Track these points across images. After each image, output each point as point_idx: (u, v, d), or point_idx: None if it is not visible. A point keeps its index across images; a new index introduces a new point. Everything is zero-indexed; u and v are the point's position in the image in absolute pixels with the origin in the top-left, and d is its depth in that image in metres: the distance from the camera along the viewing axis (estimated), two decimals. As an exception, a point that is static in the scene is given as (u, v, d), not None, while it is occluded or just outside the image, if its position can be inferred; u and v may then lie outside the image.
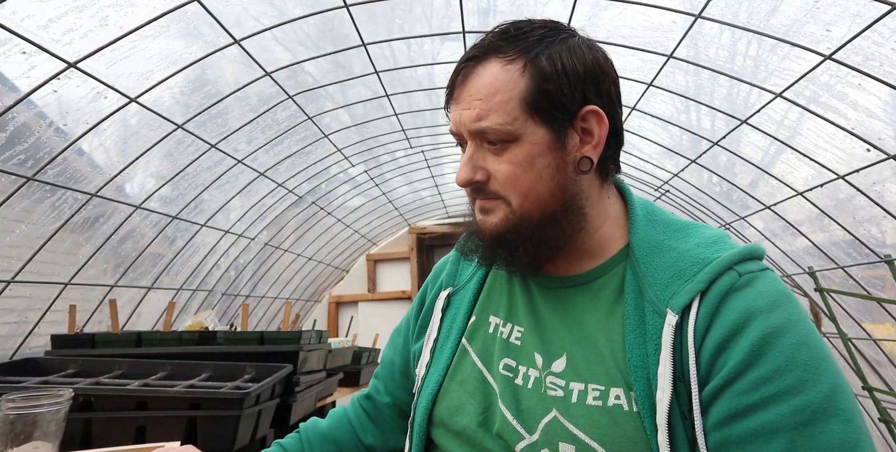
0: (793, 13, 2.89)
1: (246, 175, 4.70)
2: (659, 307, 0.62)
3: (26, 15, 2.36)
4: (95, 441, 1.48)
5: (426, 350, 0.83)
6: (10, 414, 0.91)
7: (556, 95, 0.66)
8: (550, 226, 0.69)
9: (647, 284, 0.65)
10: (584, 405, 0.63)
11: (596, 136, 0.70)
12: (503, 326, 0.77)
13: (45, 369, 1.82)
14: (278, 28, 3.40)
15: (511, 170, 0.67)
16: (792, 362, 0.53)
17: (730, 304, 0.59)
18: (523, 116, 0.66)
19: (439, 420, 0.76)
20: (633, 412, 0.60)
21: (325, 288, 8.89)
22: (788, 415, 0.51)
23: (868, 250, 3.70)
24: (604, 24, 3.63)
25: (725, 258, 0.62)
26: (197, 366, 1.81)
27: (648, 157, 5.22)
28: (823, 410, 0.51)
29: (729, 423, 0.54)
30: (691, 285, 0.61)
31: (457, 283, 0.87)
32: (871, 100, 3.01)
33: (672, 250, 0.67)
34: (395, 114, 5.05)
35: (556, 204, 0.69)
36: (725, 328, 0.57)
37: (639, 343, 0.62)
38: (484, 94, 0.67)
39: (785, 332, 0.55)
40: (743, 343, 0.56)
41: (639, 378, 0.60)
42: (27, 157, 2.84)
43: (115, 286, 4.03)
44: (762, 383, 0.53)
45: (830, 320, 3.56)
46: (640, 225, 0.71)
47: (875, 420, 4.15)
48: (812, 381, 0.52)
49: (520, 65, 0.67)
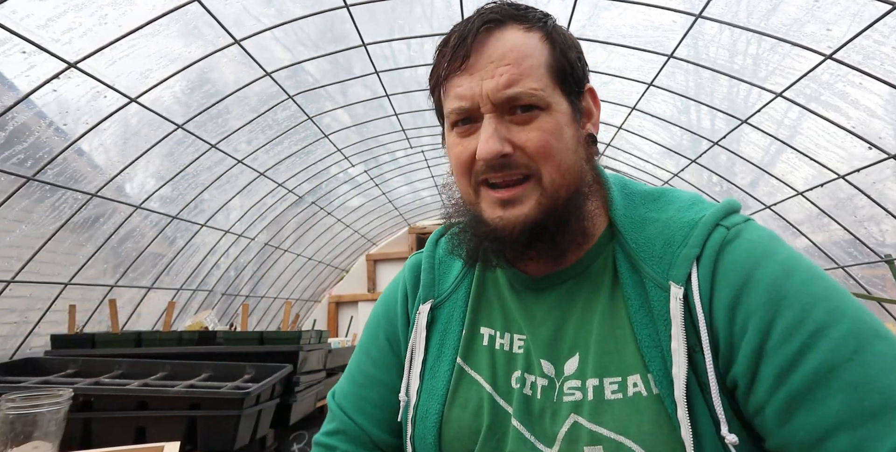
0: (793, 12, 2.89)
1: (246, 175, 4.70)
2: (660, 281, 0.60)
3: (26, 14, 2.35)
4: (95, 441, 1.47)
5: (414, 374, 0.73)
6: (10, 414, 0.91)
7: (574, 67, 0.65)
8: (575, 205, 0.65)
9: (640, 259, 0.62)
10: (604, 401, 0.60)
11: (594, 114, 0.70)
12: (501, 337, 0.71)
13: (45, 369, 1.81)
14: (278, 28, 3.39)
15: (544, 138, 0.61)
16: (813, 297, 0.53)
17: (726, 258, 0.58)
18: (550, 84, 0.63)
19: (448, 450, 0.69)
20: (652, 395, 0.58)
21: (324, 288, 8.89)
22: (836, 348, 0.50)
23: (868, 249, 3.70)
24: (604, 23, 3.63)
25: (710, 217, 0.61)
26: (197, 366, 1.81)
27: (648, 157, 5.22)
28: (862, 332, 0.50)
29: (785, 379, 0.52)
30: (685, 250, 0.60)
31: (438, 294, 0.77)
32: (872, 99, 3.01)
33: (655, 220, 0.65)
34: (396, 114, 5.05)
35: (579, 181, 0.65)
36: (731, 284, 0.56)
37: (647, 323, 0.60)
38: (512, 58, 0.62)
39: (792, 271, 0.55)
40: (757, 295, 0.54)
41: (654, 358, 0.58)
42: (27, 157, 2.84)
43: (115, 285, 4.03)
44: (795, 327, 0.52)
45: (831, 319, 3.57)
46: (618, 201, 0.68)
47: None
48: (839, 309, 0.52)
49: (540, 34, 0.64)
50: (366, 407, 0.77)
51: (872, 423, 0.47)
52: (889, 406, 0.47)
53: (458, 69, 0.63)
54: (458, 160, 0.66)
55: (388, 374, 0.78)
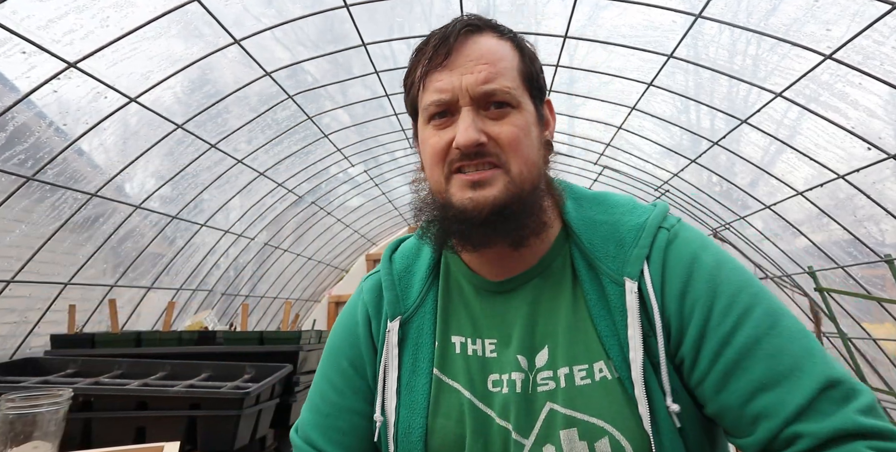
0: (793, 12, 2.89)
1: (246, 175, 4.70)
2: (615, 278, 0.67)
3: (26, 15, 2.35)
4: (95, 441, 1.47)
5: (389, 392, 0.74)
6: (10, 414, 0.91)
7: (538, 76, 0.73)
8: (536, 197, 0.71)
9: (596, 258, 0.70)
10: (575, 387, 0.66)
11: (551, 124, 0.77)
12: (473, 343, 0.74)
13: (45, 369, 1.81)
14: (278, 28, 3.39)
15: (515, 132, 0.68)
16: (739, 284, 0.64)
17: (672, 255, 0.67)
18: (521, 86, 0.70)
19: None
20: (615, 378, 0.65)
21: (324, 288, 8.88)
22: (759, 324, 0.61)
23: (868, 249, 3.70)
24: (604, 23, 3.63)
25: (653, 221, 0.71)
26: (197, 366, 1.80)
27: (648, 157, 5.22)
28: (775, 312, 0.62)
29: (721, 353, 0.61)
30: (636, 250, 0.68)
31: (405, 310, 0.78)
32: (872, 99, 3.01)
33: (603, 223, 0.73)
34: (395, 114, 5.05)
35: (539, 178, 0.71)
36: (679, 277, 0.66)
37: (604, 315, 0.67)
38: (490, 59, 0.68)
39: (721, 264, 0.66)
40: (699, 285, 0.65)
41: (612, 346, 0.65)
42: (27, 157, 2.84)
43: (115, 285, 4.03)
44: (728, 308, 0.62)
45: (830, 319, 3.56)
46: (570, 205, 0.75)
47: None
48: (758, 294, 0.63)
49: (511, 43, 0.72)
50: (335, 437, 0.76)
51: (786, 382, 0.58)
52: (797, 367, 0.58)
53: (439, 65, 0.69)
54: (434, 150, 0.70)
55: (354, 400, 0.77)
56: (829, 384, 0.57)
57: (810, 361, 0.58)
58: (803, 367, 0.58)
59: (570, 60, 4.18)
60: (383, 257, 0.86)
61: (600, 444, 0.63)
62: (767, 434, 0.58)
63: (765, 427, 0.58)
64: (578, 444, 0.64)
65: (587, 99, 4.64)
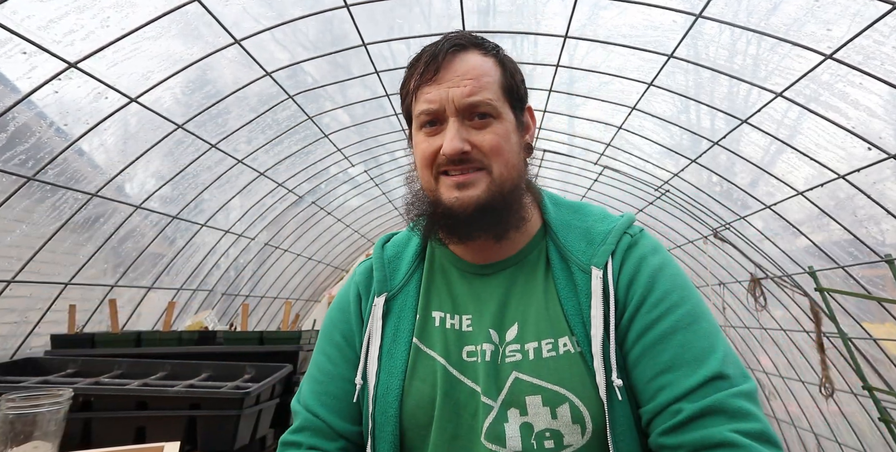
0: (793, 12, 2.89)
1: (246, 175, 4.70)
2: (584, 267, 0.79)
3: (27, 15, 2.36)
4: (95, 440, 1.47)
5: (371, 358, 0.83)
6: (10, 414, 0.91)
7: (517, 87, 0.83)
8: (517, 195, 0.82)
9: (568, 251, 0.82)
10: (542, 358, 0.76)
11: (532, 128, 0.88)
12: (451, 318, 0.84)
13: (45, 368, 1.81)
14: (278, 28, 3.39)
15: (496, 140, 0.78)
16: (673, 285, 0.76)
17: (630, 255, 0.80)
18: (501, 98, 0.80)
19: (409, 420, 0.78)
20: (577, 352, 0.75)
21: (324, 288, 8.89)
22: (679, 320, 0.73)
23: (868, 249, 3.70)
24: (604, 23, 3.63)
25: (620, 227, 0.83)
26: (197, 366, 1.81)
27: (648, 156, 5.22)
28: (697, 314, 0.74)
29: (644, 334, 0.74)
30: (604, 247, 0.80)
31: (391, 288, 0.88)
32: (872, 99, 3.01)
33: (577, 227, 0.85)
34: (395, 114, 5.05)
35: (519, 178, 0.82)
36: (630, 270, 0.78)
37: (571, 297, 0.79)
38: (474, 75, 0.78)
39: (664, 267, 0.79)
40: (641, 278, 0.77)
41: (576, 323, 0.76)
42: (28, 157, 2.84)
43: (115, 285, 4.04)
44: (658, 302, 0.75)
45: (830, 319, 3.56)
46: (550, 209, 0.88)
47: (875, 419, 4.15)
48: (687, 297, 0.75)
49: (493, 59, 0.82)
50: (327, 401, 0.84)
51: (686, 368, 0.70)
52: (698, 359, 0.70)
53: (429, 80, 0.79)
54: (424, 155, 0.80)
55: (345, 368, 0.87)
56: (718, 376, 0.69)
57: (711, 356, 0.70)
58: (703, 360, 0.70)
59: (570, 60, 4.18)
60: (376, 245, 0.97)
61: (561, 410, 0.73)
62: (657, 407, 0.70)
63: (658, 401, 0.70)
64: (542, 409, 0.73)
65: (587, 99, 4.64)
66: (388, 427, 0.78)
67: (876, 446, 4.61)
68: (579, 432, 0.72)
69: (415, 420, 0.78)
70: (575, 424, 0.72)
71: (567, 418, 0.72)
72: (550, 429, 0.72)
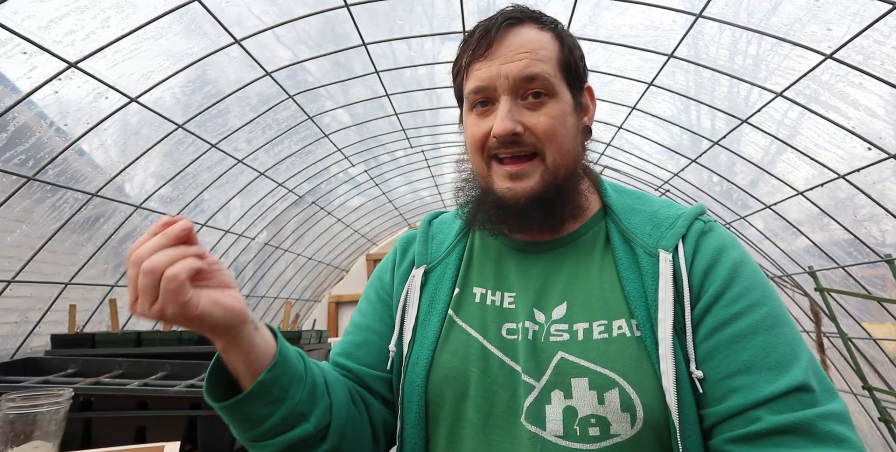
0: (793, 12, 2.89)
1: (246, 175, 4.70)
2: (650, 250, 0.73)
3: (27, 15, 2.36)
4: (95, 440, 1.47)
5: (406, 328, 0.82)
6: (11, 414, 0.91)
7: (578, 64, 0.77)
8: (573, 183, 0.77)
9: (633, 234, 0.76)
10: (592, 340, 0.70)
11: (591, 109, 0.81)
12: (493, 294, 0.80)
13: (45, 368, 1.81)
14: (279, 27, 3.39)
15: (551, 123, 0.72)
16: (755, 282, 0.69)
17: (705, 241, 0.74)
18: (559, 75, 0.74)
19: (434, 391, 0.76)
20: (634, 336, 0.69)
21: (324, 288, 8.89)
22: (761, 320, 0.66)
23: (868, 249, 3.70)
24: (605, 23, 3.63)
25: (692, 212, 0.77)
26: (197, 366, 1.80)
27: (649, 156, 5.22)
28: (779, 316, 0.67)
29: (720, 329, 0.67)
30: (674, 230, 0.74)
31: (431, 260, 0.87)
32: (872, 99, 3.01)
33: (641, 211, 0.79)
34: (396, 113, 5.05)
35: (575, 164, 0.77)
36: (707, 258, 0.72)
37: (635, 278, 0.72)
38: (529, 48, 0.73)
39: (745, 263, 0.72)
40: (721, 270, 0.70)
41: (639, 306, 0.70)
42: (28, 157, 2.84)
43: (116, 285, 4.04)
44: (739, 297, 0.68)
45: (830, 319, 3.56)
46: (611, 192, 0.83)
47: (875, 419, 4.15)
48: (769, 296, 0.69)
49: (551, 33, 0.76)
50: (349, 349, 0.85)
51: (766, 373, 0.63)
52: (781, 365, 0.63)
53: (481, 56, 0.74)
54: (474, 138, 0.76)
55: (372, 319, 0.87)
56: (803, 388, 0.61)
57: (796, 365, 0.63)
58: (787, 367, 0.63)
59: (570, 60, 4.17)
60: (423, 219, 0.96)
61: (610, 395, 0.67)
62: (732, 409, 0.63)
63: (732, 403, 0.63)
64: (588, 393, 0.68)
65: (587, 99, 4.64)
66: (414, 397, 0.76)
67: (876, 446, 4.61)
68: (628, 421, 0.66)
69: (440, 392, 0.75)
70: (624, 412, 0.66)
71: (615, 404, 0.66)
72: (596, 415, 0.66)
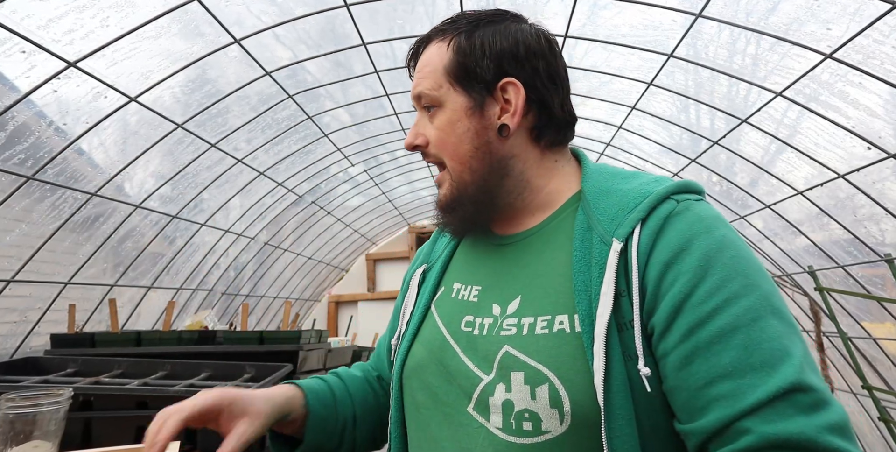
0: (792, 12, 2.88)
1: (246, 175, 4.70)
2: (606, 238, 0.68)
3: (26, 14, 2.35)
4: (95, 440, 1.47)
5: (403, 322, 0.89)
6: (10, 413, 0.91)
7: (472, 66, 0.76)
8: (486, 187, 0.77)
9: (596, 220, 0.71)
10: (534, 335, 0.69)
11: (513, 105, 0.77)
12: (464, 289, 0.83)
13: (45, 368, 1.81)
14: (279, 27, 3.39)
15: (436, 134, 0.78)
16: (734, 271, 0.61)
17: (671, 226, 0.66)
18: (446, 84, 0.77)
19: (407, 380, 0.82)
20: (574, 332, 0.66)
21: (324, 288, 8.88)
22: (741, 315, 0.59)
23: (868, 248, 3.70)
24: (604, 22, 3.62)
25: (663, 190, 0.69)
26: (197, 366, 1.80)
27: (648, 156, 5.22)
28: (765, 308, 0.59)
29: (694, 332, 0.60)
30: (633, 214, 0.68)
31: (431, 260, 0.94)
32: (872, 98, 3.01)
33: (619, 191, 0.73)
34: (395, 113, 5.05)
35: (484, 166, 0.77)
36: (671, 247, 0.64)
37: (584, 270, 0.68)
38: (420, 66, 0.80)
39: (724, 248, 0.63)
40: (690, 260, 0.63)
41: (582, 300, 0.66)
42: (27, 156, 2.84)
43: (115, 285, 4.03)
44: (714, 292, 0.60)
45: (830, 319, 3.56)
46: (591, 175, 0.79)
47: (875, 419, 4.15)
48: (753, 285, 0.61)
49: (448, 42, 0.78)
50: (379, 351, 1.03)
51: (752, 375, 0.56)
52: (768, 364, 0.56)
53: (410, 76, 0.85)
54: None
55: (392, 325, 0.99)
56: (797, 388, 0.54)
57: (785, 362, 0.56)
58: (775, 366, 0.56)
59: (569, 60, 4.18)
60: None
61: (540, 390, 0.65)
62: (716, 423, 0.56)
63: (716, 415, 0.56)
64: (523, 387, 0.67)
65: (587, 98, 4.64)
66: (394, 383, 0.84)
67: (876, 446, 4.61)
68: (557, 417, 0.63)
69: (410, 380, 0.81)
70: (553, 408, 0.64)
71: (545, 400, 0.64)
72: (529, 410, 0.65)
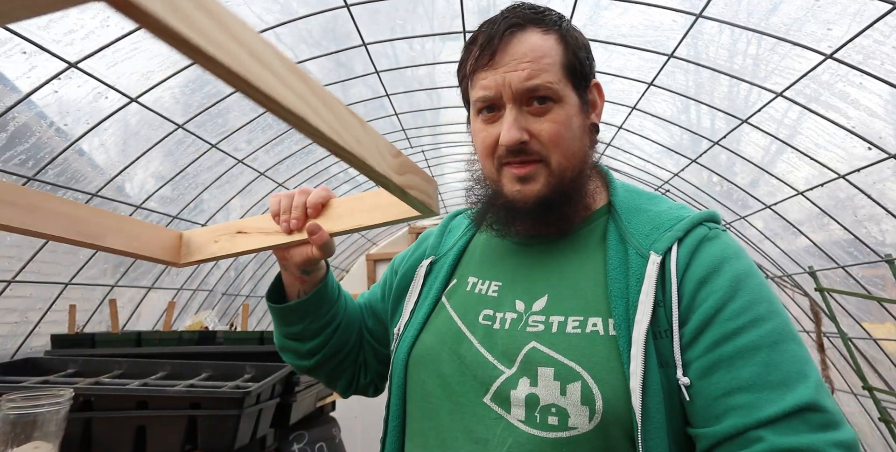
0: (793, 12, 2.88)
1: (246, 175, 4.70)
2: (642, 251, 0.72)
3: (26, 15, 2.35)
4: (95, 440, 1.48)
5: (406, 311, 0.89)
6: (11, 414, 0.91)
7: (583, 64, 0.77)
8: (579, 184, 0.78)
9: (630, 234, 0.75)
10: (564, 333, 0.71)
11: (598, 105, 0.82)
12: (481, 283, 0.83)
13: (46, 368, 1.81)
14: (280, 27, 3.39)
15: (555, 129, 0.74)
16: (760, 296, 0.67)
17: (705, 249, 0.71)
18: (564, 79, 0.75)
19: (414, 368, 0.81)
20: (608, 335, 0.69)
21: (325, 288, 8.88)
22: (764, 336, 0.64)
23: (868, 249, 3.70)
24: (605, 23, 3.62)
25: (696, 216, 0.75)
26: (197, 366, 1.81)
27: (649, 156, 5.22)
28: (785, 333, 0.65)
29: (720, 345, 0.64)
30: (671, 233, 0.72)
31: (439, 253, 0.94)
32: (872, 99, 3.01)
33: (648, 211, 0.78)
34: (396, 113, 5.05)
35: (582, 164, 0.78)
36: (705, 266, 0.69)
37: (620, 278, 0.71)
38: (532, 56, 0.73)
39: (751, 274, 0.69)
40: (721, 281, 0.68)
41: (618, 306, 0.69)
42: (28, 157, 2.84)
43: (116, 285, 4.04)
44: (742, 311, 0.65)
45: (830, 319, 3.56)
46: (619, 191, 0.82)
47: (875, 419, 4.15)
48: (776, 312, 0.66)
49: (555, 36, 0.76)
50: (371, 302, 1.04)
51: (769, 391, 0.61)
52: (785, 383, 0.61)
53: (485, 65, 0.75)
54: (484, 144, 0.78)
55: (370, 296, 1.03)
56: (811, 407, 0.59)
57: (802, 383, 0.61)
58: (792, 386, 0.60)
59: (570, 60, 4.17)
60: (448, 215, 1.04)
61: (572, 387, 0.67)
62: (731, 429, 0.60)
63: (731, 422, 0.61)
64: (553, 383, 0.68)
65: (587, 99, 4.64)
66: (396, 371, 0.83)
67: (876, 446, 4.61)
68: (587, 415, 0.65)
69: (417, 368, 0.81)
70: (583, 405, 0.66)
71: (576, 397, 0.66)
72: (557, 405, 0.67)
